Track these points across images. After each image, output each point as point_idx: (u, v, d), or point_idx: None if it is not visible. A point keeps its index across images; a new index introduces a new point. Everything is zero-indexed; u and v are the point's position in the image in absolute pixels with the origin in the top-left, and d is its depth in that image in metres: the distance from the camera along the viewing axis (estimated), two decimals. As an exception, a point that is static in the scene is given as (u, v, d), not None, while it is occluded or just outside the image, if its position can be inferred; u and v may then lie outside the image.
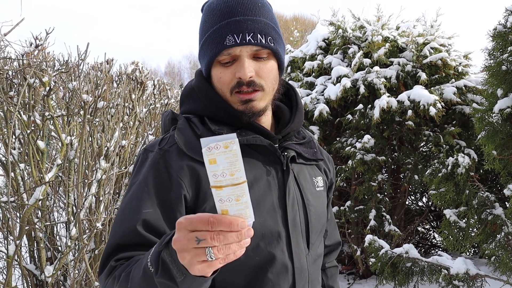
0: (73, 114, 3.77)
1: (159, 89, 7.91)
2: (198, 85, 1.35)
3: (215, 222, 0.79)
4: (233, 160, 0.78)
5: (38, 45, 3.53)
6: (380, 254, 3.73)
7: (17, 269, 3.45)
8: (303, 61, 5.99)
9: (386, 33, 5.41)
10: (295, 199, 1.32)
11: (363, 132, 5.13)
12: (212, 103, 1.30)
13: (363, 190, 4.91)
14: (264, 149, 1.30)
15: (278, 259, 1.24)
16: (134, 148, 4.75)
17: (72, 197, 3.63)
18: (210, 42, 1.25)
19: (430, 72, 5.13)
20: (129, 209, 1.19)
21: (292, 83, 5.78)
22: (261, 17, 1.26)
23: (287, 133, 1.37)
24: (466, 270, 3.38)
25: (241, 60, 1.22)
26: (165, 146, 1.26)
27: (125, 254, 1.14)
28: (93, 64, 6.13)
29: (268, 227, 1.23)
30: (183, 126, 1.29)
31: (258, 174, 1.27)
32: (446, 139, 4.73)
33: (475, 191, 3.65)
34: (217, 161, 0.78)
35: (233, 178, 0.79)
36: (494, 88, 3.64)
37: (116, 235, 1.17)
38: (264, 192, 1.26)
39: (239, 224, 0.79)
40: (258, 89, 1.25)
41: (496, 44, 3.62)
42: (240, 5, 1.24)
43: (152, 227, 1.16)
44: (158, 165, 1.22)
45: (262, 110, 1.30)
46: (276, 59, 1.30)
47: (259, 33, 1.23)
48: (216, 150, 0.77)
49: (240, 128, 1.29)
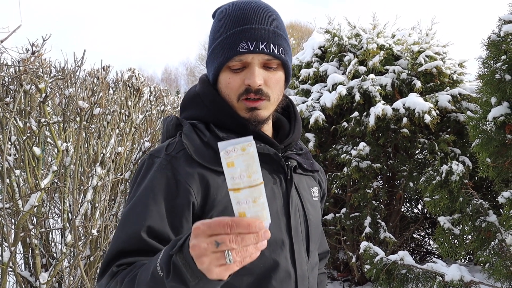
0: (69, 120, 3.78)
1: (156, 96, 7.92)
2: (204, 91, 1.35)
3: (234, 225, 0.80)
4: (251, 162, 0.79)
5: (34, 52, 3.54)
6: (375, 261, 3.74)
7: (12, 275, 3.44)
8: (299, 69, 6.01)
9: (381, 41, 5.44)
10: (297, 208, 1.33)
11: (359, 139, 5.14)
12: (219, 110, 1.30)
13: (358, 197, 4.92)
14: (269, 158, 1.30)
15: (282, 267, 1.25)
16: (130, 155, 4.75)
17: (67, 204, 3.63)
18: (223, 47, 1.25)
19: (425, 80, 5.16)
20: (133, 214, 1.18)
21: (288, 90, 5.78)
22: (275, 27, 1.27)
23: (289, 144, 1.39)
24: (461, 277, 3.39)
25: (252, 68, 1.23)
26: (172, 152, 1.25)
27: (127, 260, 1.13)
28: (90, 71, 6.14)
29: (273, 234, 1.23)
30: (190, 132, 1.28)
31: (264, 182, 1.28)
32: (441, 146, 4.75)
33: (469, 199, 3.67)
34: (235, 164, 0.79)
35: (250, 180, 0.80)
36: (488, 96, 3.66)
37: (119, 240, 1.17)
38: (269, 200, 1.24)
39: (257, 226, 0.80)
40: (264, 98, 1.26)
41: (490, 53, 3.64)
42: (256, 14, 1.25)
43: (157, 233, 1.15)
44: (165, 171, 1.21)
45: (266, 119, 1.31)
46: (284, 71, 1.31)
47: (272, 42, 1.24)
48: (234, 153, 0.79)
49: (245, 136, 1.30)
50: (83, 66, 3.70)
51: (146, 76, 7.29)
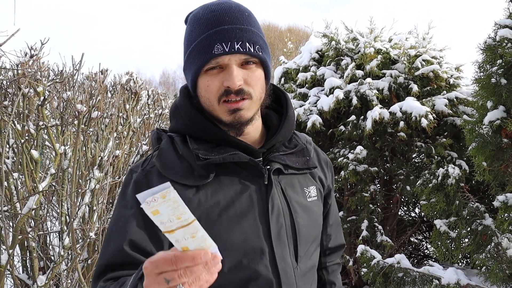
0: (67, 123, 3.79)
1: (153, 99, 7.93)
2: (181, 102, 1.35)
3: (178, 261, 0.80)
4: (175, 206, 0.77)
5: (33, 55, 3.55)
6: (372, 264, 3.76)
7: (9, 278, 3.44)
8: (297, 72, 6.03)
9: (378, 45, 5.47)
10: (280, 213, 1.29)
11: (356, 143, 5.16)
12: (191, 121, 1.30)
13: (355, 200, 4.94)
14: (246, 164, 1.29)
15: (262, 275, 1.23)
16: (127, 158, 4.76)
17: (65, 207, 3.63)
18: (198, 51, 1.23)
19: (422, 84, 5.18)
20: (115, 230, 1.21)
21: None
22: (249, 26, 1.25)
23: (272, 145, 1.35)
24: (457, 280, 3.40)
25: (230, 69, 1.21)
26: (147, 167, 1.27)
27: (114, 274, 1.15)
28: (88, 74, 6.15)
29: (250, 243, 1.23)
30: (166, 146, 1.30)
31: (239, 189, 1.26)
32: (438, 150, 4.77)
33: (465, 202, 3.69)
34: (160, 211, 0.77)
35: (181, 221, 0.78)
36: (484, 100, 3.68)
37: (105, 256, 1.19)
38: (246, 207, 1.25)
39: (202, 257, 0.80)
40: (247, 97, 1.24)
41: (486, 57, 3.66)
42: (228, 14, 1.23)
43: (139, 246, 1.17)
44: (141, 186, 1.23)
45: (250, 120, 1.28)
46: (263, 68, 1.29)
47: (248, 41, 1.22)
48: (154, 202, 0.76)
49: (220, 145, 1.28)
50: (81, 69, 3.71)
51: (144, 80, 7.31)
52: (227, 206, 1.23)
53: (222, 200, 1.23)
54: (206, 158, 1.23)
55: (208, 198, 1.23)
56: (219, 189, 1.25)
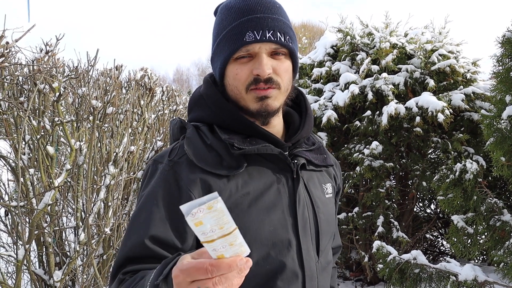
0: (82, 119, 3.80)
1: (168, 96, 7.95)
2: (207, 92, 1.33)
3: (214, 270, 0.78)
4: (220, 216, 0.75)
5: (48, 51, 3.57)
6: (388, 260, 3.72)
7: (26, 273, 3.48)
8: (311, 68, 6.00)
9: (394, 40, 5.42)
10: (305, 207, 1.30)
11: (371, 138, 5.12)
12: (221, 111, 1.28)
13: (371, 196, 4.91)
14: (274, 157, 1.28)
15: (289, 267, 1.23)
16: (142, 154, 4.77)
17: (80, 202, 3.65)
18: (228, 38, 1.22)
19: (438, 78, 5.12)
20: (138, 221, 1.19)
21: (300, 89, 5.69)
22: (280, 16, 1.25)
23: (297, 140, 1.36)
24: (475, 276, 3.36)
25: (260, 57, 1.20)
26: (175, 157, 1.24)
27: (133, 267, 1.14)
28: (103, 70, 6.18)
29: (279, 235, 1.22)
30: (192, 136, 1.27)
31: (268, 182, 1.26)
32: (454, 145, 4.72)
33: (483, 197, 3.63)
34: (203, 222, 0.75)
35: (223, 230, 0.76)
36: (502, 95, 3.62)
37: (125, 248, 1.17)
38: (275, 200, 1.25)
39: (238, 263, 0.79)
40: (275, 87, 1.23)
41: (505, 51, 3.61)
42: (260, 4, 1.23)
43: (161, 240, 1.15)
44: (168, 177, 1.21)
45: (276, 110, 1.28)
46: (291, 60, 1.29)
47: (279, 31, 1.21)
48: (200, 213, 0.74)
49: (250, 136, 1.27)
50: (96, 65, 3.72)
51: (158, 77, 7.31)
52: (257, 198, 1.23)
53: (252, 192, 1.23)
54: (241, 148, 1.22)
55: (238, 188, 1.22)
56: (249, 180, 1.24)
